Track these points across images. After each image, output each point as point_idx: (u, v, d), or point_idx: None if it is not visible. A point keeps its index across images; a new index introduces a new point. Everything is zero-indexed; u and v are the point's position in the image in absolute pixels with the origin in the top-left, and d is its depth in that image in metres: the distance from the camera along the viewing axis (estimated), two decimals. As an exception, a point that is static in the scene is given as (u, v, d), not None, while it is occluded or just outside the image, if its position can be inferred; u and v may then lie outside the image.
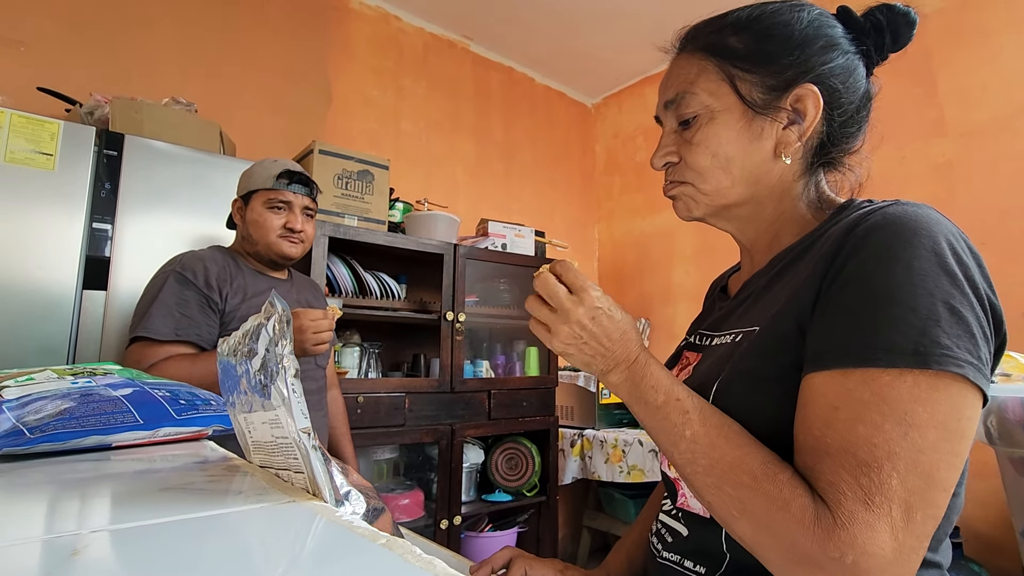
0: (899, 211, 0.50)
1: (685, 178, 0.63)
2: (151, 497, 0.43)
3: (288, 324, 0.40)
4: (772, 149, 0.60)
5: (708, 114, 0.60)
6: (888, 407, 0.43)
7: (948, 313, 0.45)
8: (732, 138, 0.60)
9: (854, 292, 0.48)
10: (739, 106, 0.59)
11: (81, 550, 0.29)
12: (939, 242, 0.47)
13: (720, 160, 0.60)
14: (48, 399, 0.59)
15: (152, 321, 1.20)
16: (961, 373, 0.43)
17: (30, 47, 1.86)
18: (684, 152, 0.62)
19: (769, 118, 0.59)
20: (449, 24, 2.96)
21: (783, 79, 0.59)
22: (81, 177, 1.39)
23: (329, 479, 0.40)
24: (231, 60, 2.28)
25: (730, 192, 0.62)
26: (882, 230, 0.49)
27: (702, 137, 0.60)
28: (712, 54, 0.61)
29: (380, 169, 2.14)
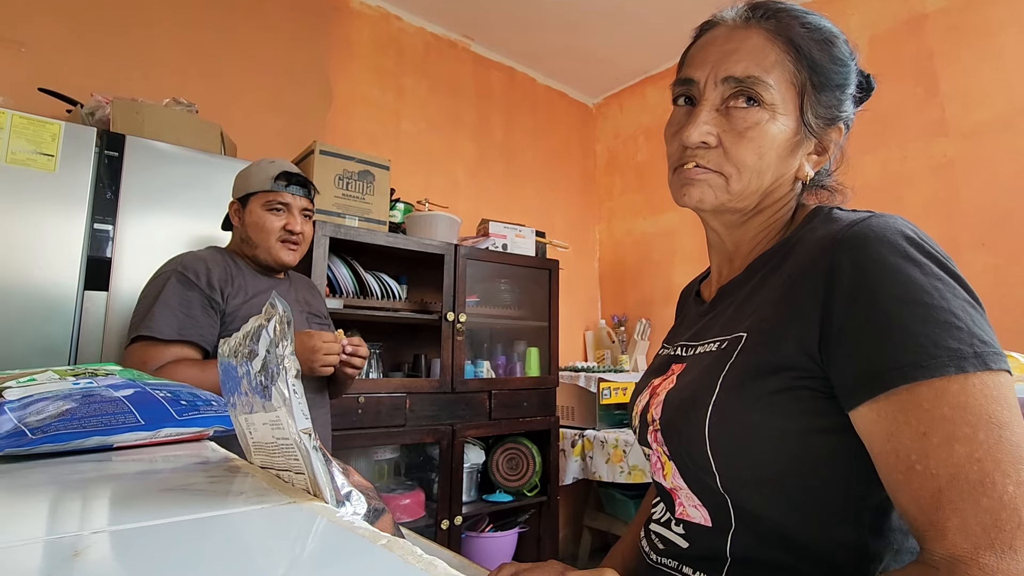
0: (883, 223, 0.50)
1: (720, 167, 0.59)
2: (152, 498, 0.44)
3: (289, 325, 0.40)
4: (796, 169, 0.62)
5: (770, 111, 0.58)
6: (972, 416, 0.43)
7: (973, 311, 0.46)
8: (780, 146, 0.59)
9: (880, 309, 0.47)
10: (796, 119, 0.59)
11: (82, 551, 0.29)
12: (927, 246, 0.49)
13: (763, 163, 0.59)
14: (50, 400, 0.59)
15: (155, 321, 1.20)
16: (1006, 368, 0.45)
17: (31, 48, 1.86)
18: (729, 140, 0.59)
19: (809, 141, 0.61)
20: (450, 24, 2.96)
21: (834, 113, 0.61)
22: (82, 178, 1.40)
23: (330, 480, 0.40)
24: (231, 61, 2.28)
25: (751, 196, 0.61)
26: (879, 243, 0.49)
27: (759, 134, 0.58)
28: (795, 51, 0.58)
29: (381, 169, 2.14)
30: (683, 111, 0.63)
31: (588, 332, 3.47)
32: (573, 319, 3.38)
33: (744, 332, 0.56)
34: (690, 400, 0.57)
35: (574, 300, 3.39)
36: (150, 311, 1.21)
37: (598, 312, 3.59)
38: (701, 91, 0.60)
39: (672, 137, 0.63)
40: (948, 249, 1.95)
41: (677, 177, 0.62)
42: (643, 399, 0.67)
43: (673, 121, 0.64)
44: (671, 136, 0.64)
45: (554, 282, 2.64)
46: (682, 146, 0.61)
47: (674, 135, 0.63)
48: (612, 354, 3.27)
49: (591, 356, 3.41)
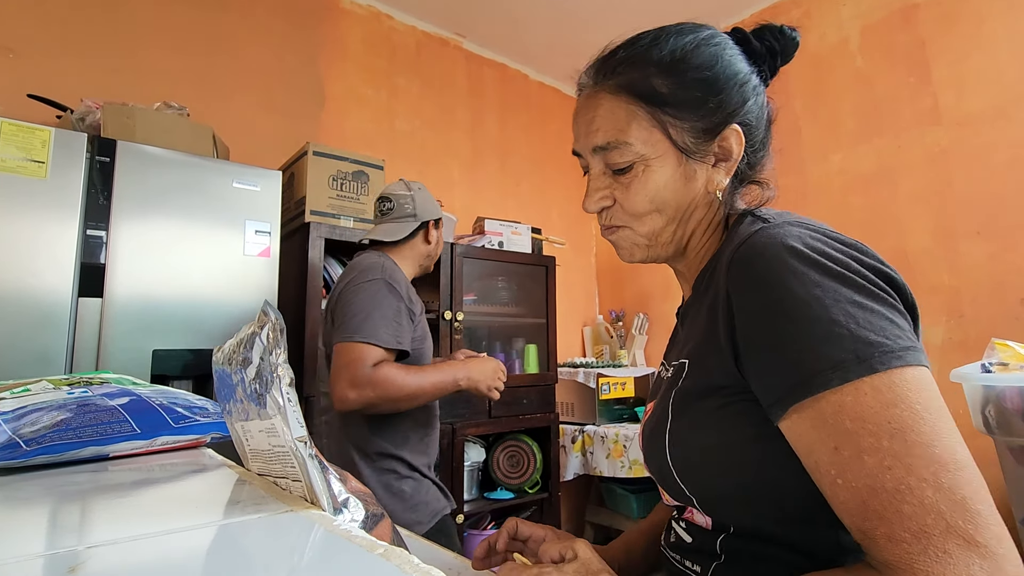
0: (765, 238, 0.51)
1: (624, 222, 0.63)
2: (149, 508, 0.43)
3: (282, 333, 0.40)
4: (703, 187, 0.62)
5: (643, 163, 0.60)
6: (872, 424, 0.43)
7: (859, 311, 0.45)
8: (668, 183, 0.60)
9: (768, 326, 0.48)
10: (673, 152, 0.60)
11: (79, 567, 0.29)
12: (810, 252, 0.48)
13: (657, 204, 0.61)
14: (44, 410, 0.59)
15: (377, 329, 1.25)
16: (905, 363, 0.44)
17: (19, 54, 1.84)
18: (620, 196, 0.62)
19: (700, 160, 0.61)
20: (441, 22, 2.94)
21: (712, 123, 0.60)
22: (74, 184, 1.39)
23: (327, 487, 0.40)
24: (222, 63, 2.27)
25: (665, 231, 0.63)
26: (759, 260, 0.50)
27: (640, 185, 0.60)
28: (640, 98, 0.60)
29: (375, 169, 2.14)
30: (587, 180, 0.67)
31: (586, 328, 3.47)
32: (571, 315, 3.37)
33: (686, 358, 0.59)
34: (655, 429, 0.59)
35: (571, 296, 3.39)
36: (370, 317, 1.26)
37: (596, 308, 3.59)
38: (587, 162, 0.65)
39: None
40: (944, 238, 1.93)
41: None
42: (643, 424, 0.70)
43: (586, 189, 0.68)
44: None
45: (551, 278, 2.64)
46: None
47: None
48: (611, 349, 3.27)
49: (590, 352, 3.41)
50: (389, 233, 1.47)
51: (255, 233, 1.64)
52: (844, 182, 2.47)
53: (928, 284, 2.19)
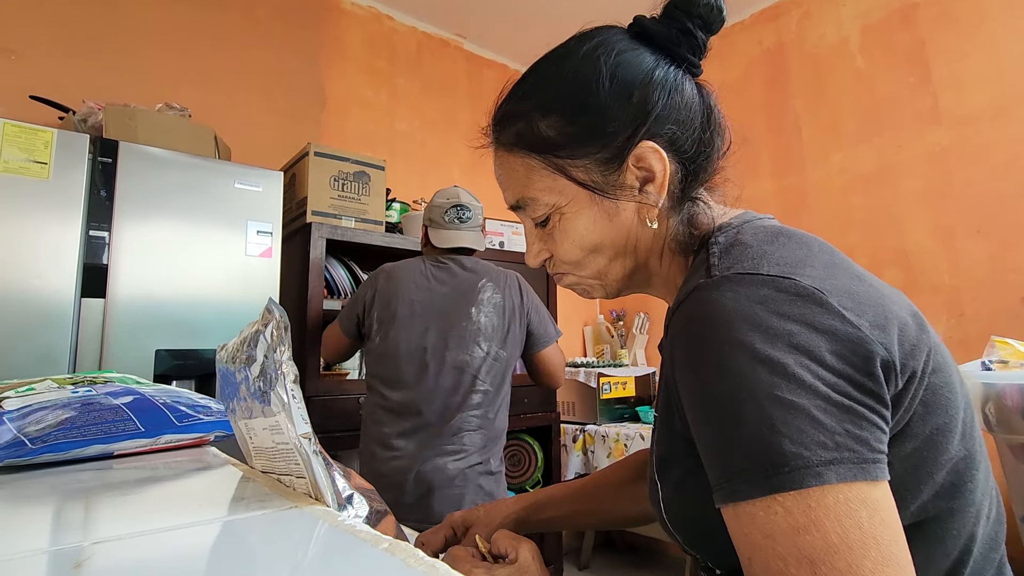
0: (696, 302, 0.44)
1: (566, 269, 0.60)
2: (153, 505, 0.44)
3: (286, 330, 0.40)
4: (635, 215, 0.55)
5: (557, 212, 0.56)
6: (783, 548, 0.37)
7: (779, 410, 0.38)
8: (589, 226, 0.55)
9: (694, 411, 0.44)
10: (583, 193, 0.54)
11: (84, 562, 0.29)
12: (740, 327, 0.41)
13: (587, 247, 0.56)
14: (49, 409, 0.59)
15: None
16: (824, 481, 0.37)
17: (22, 56, 1.85)
18: (552, 248, 0.59)
19: (619, 193, 0.54)
20: (442, 23, 2.95)
21: (614, 150, 0.53)
22: (76, 185, 1.39)
23: (331, 483, 0.40)
24: (224, 64, 2.28)
25: (612, 269, 0.58)
26: (688, 333, 0.44)
27: (562, 235, 0.57)
28: (531, 150, 0.55)
29: (376, 170, 2.14)
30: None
31: (587, 327, 3.47)
32: (572, 315, 3.38)
33: (658, 413, 0.55)
34: (651, 487, 0.55)
35: (572, 296, 3.39)
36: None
37: (596, 307, 3.59)
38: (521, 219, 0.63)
39: None
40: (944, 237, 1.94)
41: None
42: None
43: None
44: None
45: (552, 278, 2.64)
46: None
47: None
48: (611, 349, 3.28)
49: (590, 351, 3.41)
50: (479, 243, 1.61)
51: (257, 233, 1.65)
52: (844, 182, 2.47)
53: (928, 283, 2.19)
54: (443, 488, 1.36)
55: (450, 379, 1.43)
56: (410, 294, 1.47)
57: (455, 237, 1.54)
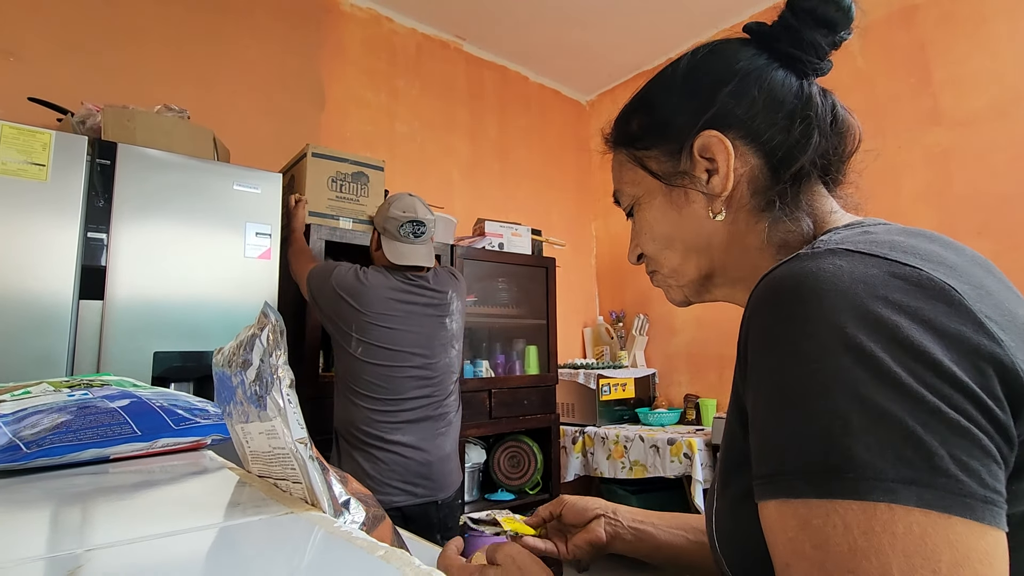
0: (785, 272, 0.39)
1: (651, 266, 0.61)
2: (149, 510, 0.43)
3: (282, 335, 0.40)
4: (705, 210, 0.54)
5: (636, 203, 0.59)
6: (832, 565, 0.32)
7: (859, 410, 0.32)
8: (659, 217, 0.57)
9: (754, 392, 0.39)
10: (656, 184, 0.57)
11: (77, 570, 0.29)
12: (837, 302, 0.35)
13: (661, 241, 0.58)
14: (45, 413, 0.59)
15: None
16: (897, 500, 0.30)
17: (20, 57, 1.85)
18: (638, 243, 0.61)
19: (685, 182, 0.54)
20: (442, 24, 2.95)
21: (677, 140, 0.54)
22: (74, 187, 1.39)
23: (327, 489, 0.40)
24: (223, 66, 2.27)
25: (688, 267, 0.57)
26: (765, 303, 0.39)
27: (639, 226, 0.60)
28: (623, 145, 0.60)
29: (374, 170, 2.14)
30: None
31: (586, 329, 3.47)
32: (571, 316, 3.37)
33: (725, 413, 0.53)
34: (708, 497, 0.52)
35: (572, 297, 3.39)
36: None
37: (596, 308, 3.59)
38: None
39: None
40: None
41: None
42: None
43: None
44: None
45: (551, 280, 2.64)
46: None
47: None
48: (611, 350, 3.27)
49: (590, 353, 3.41)
50: (430, 259, 1.70)
51: (255, 235, 1.64)
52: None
53: (929, 284, 2.19)
54: (443, 464, 1.61)
55: (437, 378, 1.65)
56: (390, 307, 1.60)
57: (410, 253, 1.65)
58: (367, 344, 1.55)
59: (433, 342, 1.65)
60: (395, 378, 1.57)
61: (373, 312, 1.56)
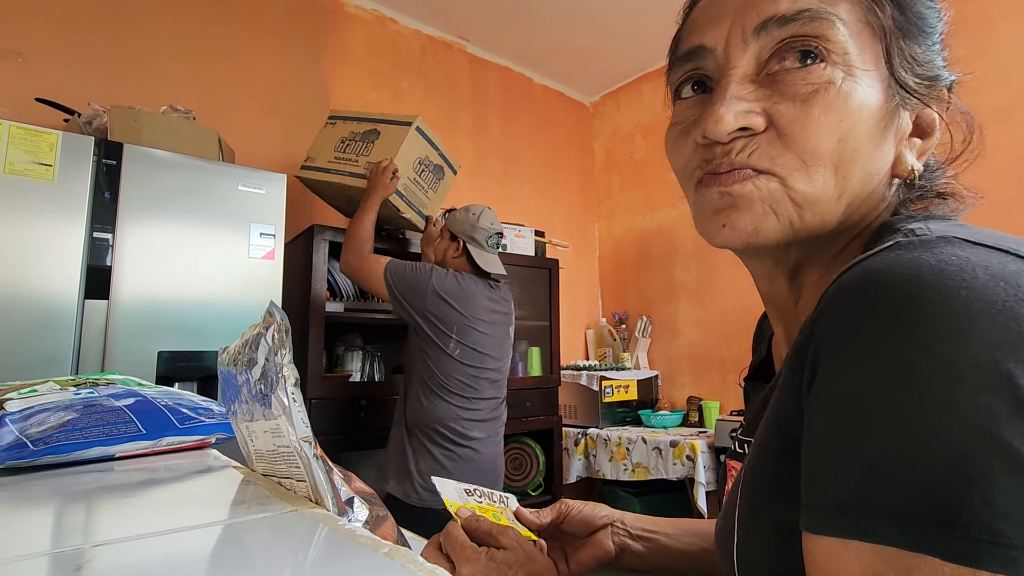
0: (902, 262, 0.29)
1: (774, 165, 0.37)
2: (154, 508, 0.44)
3: (287, 333, 0.40)
4: (892, 163, 0.39)
5: (844, 67, 0.36)
6: None
7: (988, 453, 0.24)
8: (870, 120, 0.37)
9: (823, 408, 0.30)
10: (883, 77, 0.38)
11: (85, 564, 0.29)
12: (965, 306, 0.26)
13: (847, 148, 0.36)
14: (51, 411, 0.59)
15: None
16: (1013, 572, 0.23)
17: (28, 58, 1.86)
18: (787, 114, 0.37)
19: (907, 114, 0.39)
20: (446, 25, 2.96)
21: (933, 70, 0.40)
22: (81, 187, 1.40)
23: (331, 487, 0.40)
24: (228, 67, 2.29)
25: (828, 211, 0.38)
26: (859, 302, 0.30)
27: (833, 103, 0.36)
28: None
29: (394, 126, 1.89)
30: (691, 103, 0.42)
31: (589, 330, 3.46)
32: (574, 318, 3.37)
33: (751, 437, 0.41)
34: (723, 532, 0.42)
35: (575, 299, 3.39)
36: None
37: (599, 310, 3.59)
38: (722, 60, 0.39)
39: (680, 139, 0.42)
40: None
41: (706, 196, 0.40)
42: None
43: (679, 119, 0.43)
44: (679, 139, 0.42)
45: (554, 281, 2.64)
46: (703, 145, 0.40)
47: (683, 134, 0.42)
48: (614, 352, 3.27)
49: (593, 354, 3.41)
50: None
51: (260, 236, 1.65)
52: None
53: (933, 287, 2.18)
54: (499, 461, 1.74)
55: (501, 381, 1.77)
56: (484, 314, 1.69)
57: (495, 263, 1.76)
58: (464, 346, 1.63)
59: (503, 347, 1.77)
60: (479, 379, 1.67)
61: (472, 316, 1.64)
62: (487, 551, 0.53)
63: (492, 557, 0.52)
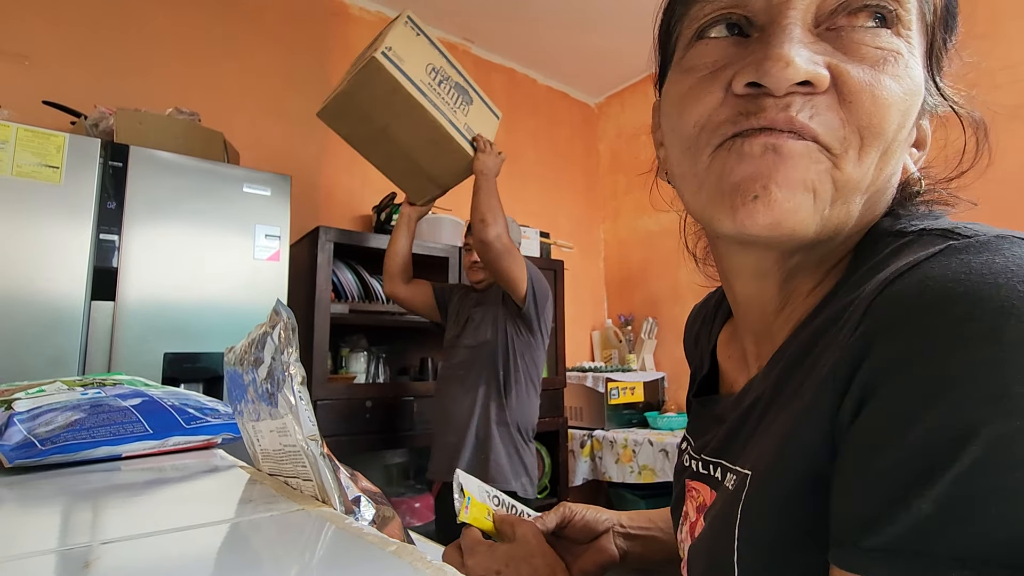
0: (973, 268, 0.25)
1: (833, 136, 0.31)
2: (162, 506, 0.44)
3: (294, 332, 0.40)
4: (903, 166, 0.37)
5: (908, 44, 0.33)
6: None
7: None
8: (914, 109, 0.33)
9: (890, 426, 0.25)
10: (923, 58, 0.35)
11: (93, 562, 0.29)
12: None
13: (899, 135, 0.33)
14: (58, 411, 0.59)
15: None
16: None
17: (35, 61, 1.87)
18: (855, 77, 0.31)
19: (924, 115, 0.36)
20: (450, 27, 2.96)
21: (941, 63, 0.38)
22: (87, 189, 1.40)
23: (338, 486, 0.40)
24: (233, 69, 2.29)
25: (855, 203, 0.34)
26: (927, 314, 0.25)
27: (903, 75, 0.32)
28: None
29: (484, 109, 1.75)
30: (723, 45, 0.34)
31: (595, 332, 3.46)
32: (579, 319, 3.37)
33: (750, 471, 0.35)
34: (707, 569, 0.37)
35: (580, 300, 3.39)
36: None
37: (604, 312, 3.58)
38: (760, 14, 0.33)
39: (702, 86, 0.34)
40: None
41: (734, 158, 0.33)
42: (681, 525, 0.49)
43: (700, 62, 0.35)
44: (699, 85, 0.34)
45: (559, 282, 2.64)
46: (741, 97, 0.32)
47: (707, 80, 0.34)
48: (619, 354, 3.26)
49: (598, 356, 3.40)
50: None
51: (265, 237, 1.66)
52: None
53: (941, 287, 2.17)
54: None
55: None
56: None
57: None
58: (544, 346, 1.71)
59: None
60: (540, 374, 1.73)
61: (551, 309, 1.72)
62: (490, 545, 0.54)
63: (495, 550, 0.53)
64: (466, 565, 0.52)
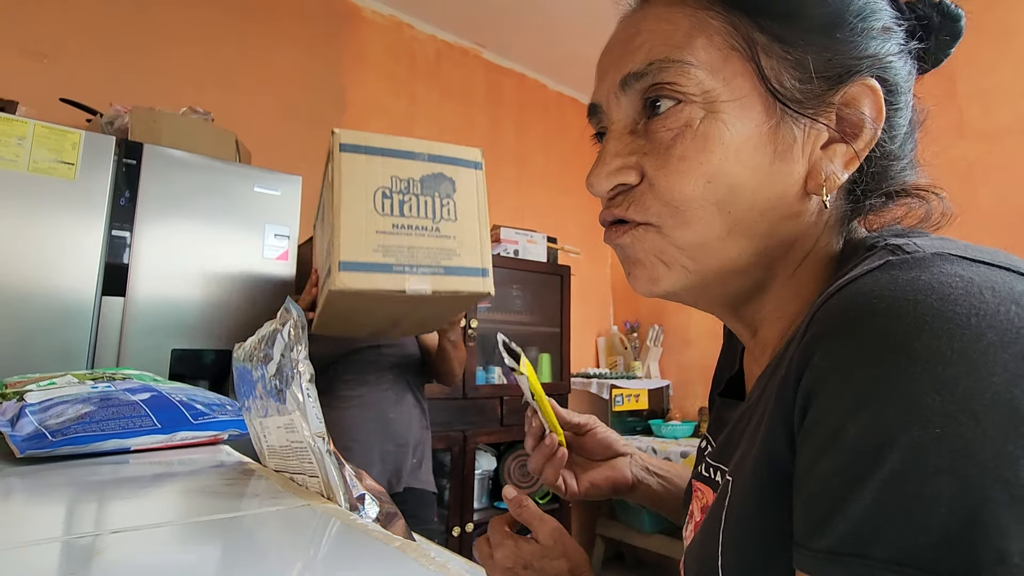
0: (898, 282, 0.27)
1: (647, 215, 0.38)
2: (169, 499, 0.44)
3: (303, 329, 0.41)
4: (803, 178, 0.37)
5: (705, 104, 0.36)
6: None
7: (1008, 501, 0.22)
8: (743, 149, 0.35)
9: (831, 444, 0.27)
10: (761, 97, 0.36)
11: (102, 550, 0.30)
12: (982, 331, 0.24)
13: (718, 189, 0.35)
14: (69, 403, 0.60)
15: None
16: None
17: (53, 59, 1.90)
18: (652, 167, 0.37)
19: (806, 123, 0.36)
20: (462, 31, 2.98)
21: (835, 63, 0.36)
22: (101, 185, 1.42)
23: (343, 483, 0.40)
24: (247, 70, 2.32)
25: (723, 249, 0.37)
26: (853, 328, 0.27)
27: (691, 146, 0.36)
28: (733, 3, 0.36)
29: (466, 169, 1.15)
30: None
31: (600, 338, 3.45)
32: (585, 325, 3.36)
33: (731, 474, 0.37)
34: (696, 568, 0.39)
35: (586, 306, 3.38)
36: None
37: (610, 318, 3.57)
38: (607, 115, 0.41)
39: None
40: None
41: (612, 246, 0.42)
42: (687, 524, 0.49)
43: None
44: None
45: (566, 288, 2.64)
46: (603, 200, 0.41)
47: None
48: (624, 360, 3.25)
49: (603, 362, 3.39)
50: None
51: (274, 236, 1.67)
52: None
53: (950, 300, 2.15)
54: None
55: None
56: None
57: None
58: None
59: None
60: None
61: None
62: (517, 542, 0.54)
63: (520, 548, 0.54)
64: (494, 558, 0.54)
